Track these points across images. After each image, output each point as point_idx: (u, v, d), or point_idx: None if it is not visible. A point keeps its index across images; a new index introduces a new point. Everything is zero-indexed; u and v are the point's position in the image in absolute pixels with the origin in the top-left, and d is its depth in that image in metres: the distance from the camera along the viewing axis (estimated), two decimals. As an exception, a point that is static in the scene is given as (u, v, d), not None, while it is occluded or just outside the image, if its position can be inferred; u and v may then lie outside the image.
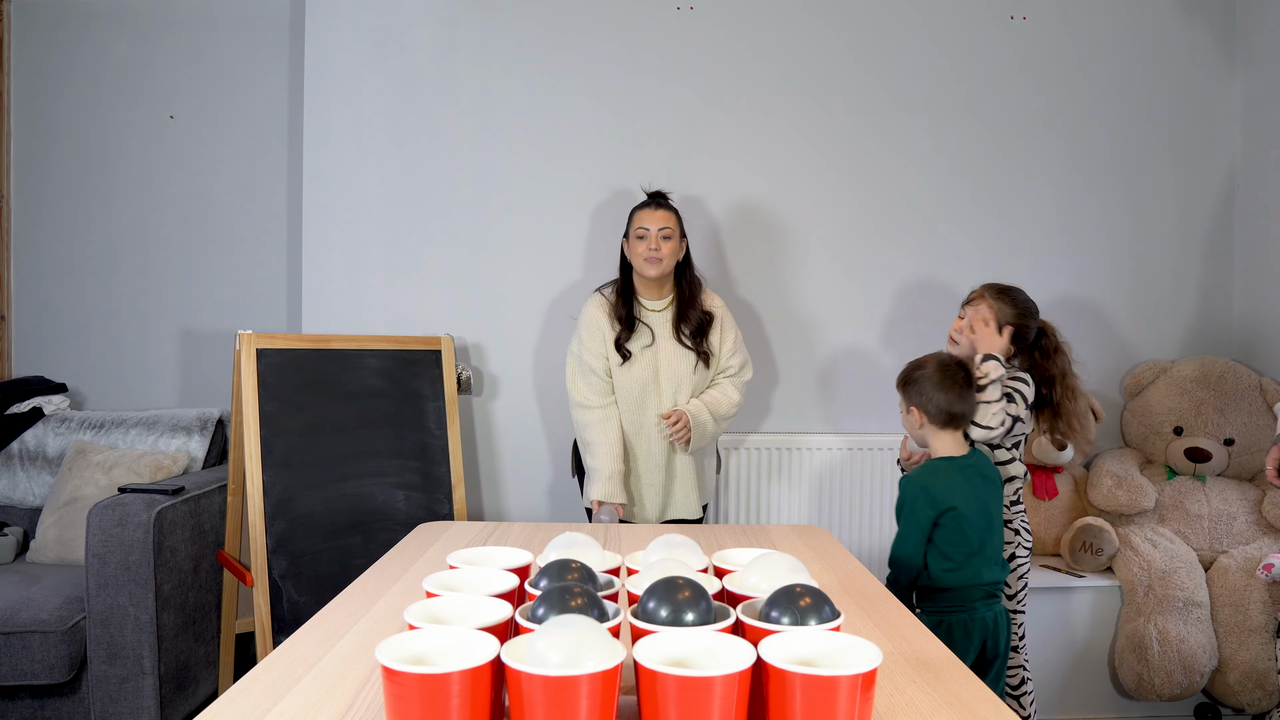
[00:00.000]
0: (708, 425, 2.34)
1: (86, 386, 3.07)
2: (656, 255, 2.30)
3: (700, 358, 2.37)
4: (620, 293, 2.39)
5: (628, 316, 2.35)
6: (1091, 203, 2.96)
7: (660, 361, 2.36)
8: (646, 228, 2.32)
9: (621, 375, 2.35)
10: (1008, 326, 2.06)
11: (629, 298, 2.38)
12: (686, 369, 2.36)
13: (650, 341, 2.36)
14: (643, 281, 2.37)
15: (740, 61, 2.89)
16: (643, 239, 2.32)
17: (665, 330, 2.38)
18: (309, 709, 0.91)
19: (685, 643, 0.81)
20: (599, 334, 2.36)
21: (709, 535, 1.77)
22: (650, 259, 2.30)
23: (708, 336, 2.38)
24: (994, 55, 2.92)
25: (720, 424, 2.39)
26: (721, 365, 2.42)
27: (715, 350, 2.40)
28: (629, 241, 2.37)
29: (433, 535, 1.73)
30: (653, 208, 2.36)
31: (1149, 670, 2.42)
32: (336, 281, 2.85)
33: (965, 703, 0.94)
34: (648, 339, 2.36)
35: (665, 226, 2.32)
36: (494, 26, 2.86)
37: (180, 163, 3.05)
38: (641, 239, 2.32)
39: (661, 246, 2.31)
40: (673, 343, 2.37)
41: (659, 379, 2.35)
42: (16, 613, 2.11)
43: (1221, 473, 2.74)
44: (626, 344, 2.34)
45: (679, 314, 2.38)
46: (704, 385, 2.41)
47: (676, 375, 2.35)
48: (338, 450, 2.48)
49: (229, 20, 3.04)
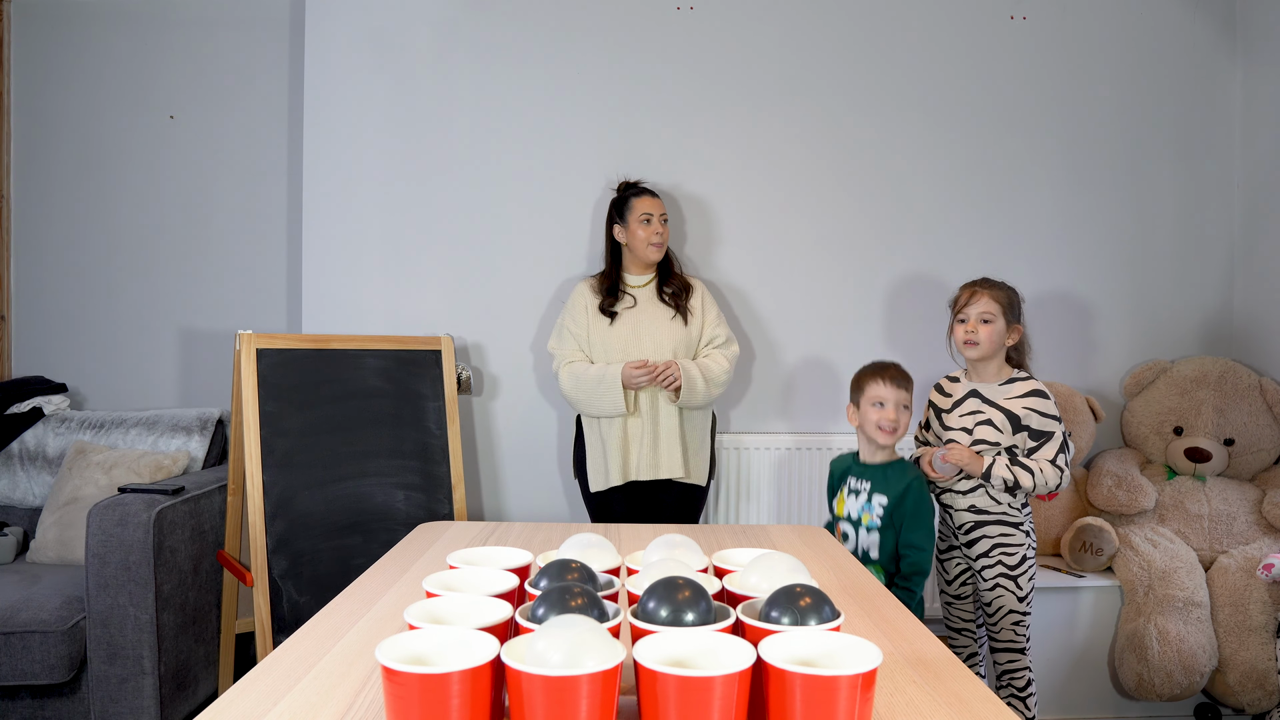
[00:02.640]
0: (697, 381, 2.44)
1: (86, 386, 3.07)
2: (660, 240, 2.51)
3: (679, 313, 2.51)
4: (607, 271, 2.58)
5: (613, 286, 2.54)
6: (1091, 203, 2.96)
7: (641, 320, 2.51)
8: (650, 213, 2.50)
9: (606, 336, 2.49)
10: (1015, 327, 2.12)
11: (615, 274, 2.57)
12: (666, 324, 2.50)
13: (633, 304, 2.53)
14: (634, 262, 2.56)
15: (740, 61, 2.89)
16: (648, 223, 2.50)
17: (647, 294, 2.56)
18: (309, 709, 0.91)
19: (685, 643, 0.81)
20: (582, 303, 2.55)
21: (709, 535, 1.77)
22: (655, 243, 2.50)
23: (688, 300, 2.55)
24: (994, 55, 2.92)
25: (711, 388, 2.48)
26: (708, 335, 2.55)
27: (696, 313, 2.54)
28: (627, 226, 2.52)
29: (433, 535, 1.73)
30: (650, 195, 2.54)
31: (1149, 670, 2.42)
32: (336, 281, 2.85)
33: (965, 703, 0.94)
34: (630, 303, 2.54)
35: (663, 212, 2.53)
36: (494, 26, 2.86)
37: (180, 163, 3.05)
38: (648, 223, 2.49)
39: (664, 231, 2.52)
40: (654, 304, 2.54)
41: (640, 336, 2.49)
42: (16, 613, 2.11)
43: (1221, 473, 2.74)
44: (611, 307, 2.51)
45: (660, 284, 2.57)
46: (690, 346, 2.53)
47: (657, 330, 2.49)
48: (338, 450, 2.48)
49: (229, 20, 3.04)
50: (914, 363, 2.87)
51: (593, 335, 2.51)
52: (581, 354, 2.53)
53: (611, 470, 2.47)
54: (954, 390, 2.20)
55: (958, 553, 2.21)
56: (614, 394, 2.42)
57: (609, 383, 2.42)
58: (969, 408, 2.14)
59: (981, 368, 2.15)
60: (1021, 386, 2.09)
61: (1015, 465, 2.03)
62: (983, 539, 2.12)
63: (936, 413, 2.22)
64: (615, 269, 2.57)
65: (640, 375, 2.39)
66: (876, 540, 2.02)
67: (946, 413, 2.18)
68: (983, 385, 2.14)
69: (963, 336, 2.12)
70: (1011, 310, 2.12)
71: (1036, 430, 2.05)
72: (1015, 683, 2.14)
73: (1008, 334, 2.11)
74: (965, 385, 2.18)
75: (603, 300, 2.52)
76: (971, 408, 2.13)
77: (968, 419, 2.12)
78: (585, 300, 2.55)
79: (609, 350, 2.49)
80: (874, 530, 2.03)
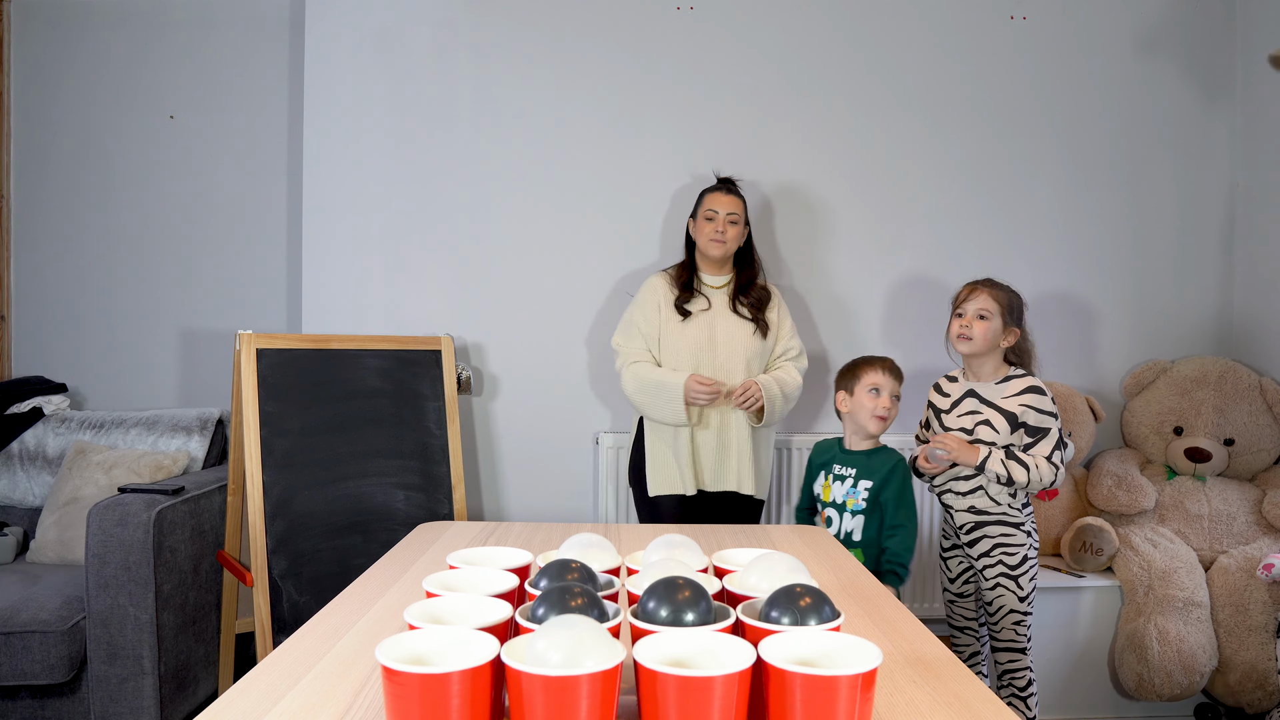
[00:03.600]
0: (778, 400, 2.39)
1: (86, 386, 3.07)
2: (721, 238, 2.44)
3: (759, 327, 2.45)
4: (684, 265, 2.53)
5: (688, 283, 2.48)
6: (1091, 202, 2.96)
7: (716, 327, 2.44)
8: (715, 210, 2.45)
9: (678, 336, 2.42)
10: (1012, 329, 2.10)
11: (691, 271, 2.51)
12: (744, 335, 2.43)
13: (707, 307, 2.46)
14: (705, 260, 2.51)
15: (740, 62, 2.89)
16: (711, 220, 2.45)
17: (722, 301, 2.48)
18: (309, 709, 0.91)
19: (685, 643, 0.81)
20: (655, 298, 2.48)
21: (709, 535, 1.77)
22: (715, 240, 2.44)
23: (765, 311, 2.48)
24: (994, 55, 2.92)
25: (788, 403, 2.44)
26: (783, 347, 2.51)
27: (774, 326, 2.49)
28: (696, 221, 2.50)
29: (433, 535, 1.73)
30: (723, 192, 2.49)
31: (1149, 670, 2.42)
32: (336, 281, 2.85)
33: (965, 703, 0.94)
34: (705, 305, 2.46)
35: (732, 212, 2.45)
36: (494, 26, 2.86)
37: (180, 163, 3.05)
38: (710, 220, 2.45)
39: (727, 230, 2.44)
40: (729, 312, 2.46)
41: (715, 342, 2.42)
42: (16, 613, 2.11)
43: (1221, 473, 2.74)
44: (685, 305, 2.44)
45: (737, 290, 2.49)
46: (763, 358, 2.47)
47: (732, 340, 2.42)
48: (338, 450, 2.48)
49: (229, 20, 3.04)
50: (914, 363, 2.88)
51: (664, 334, 2.44)
52: (648, 354, 2.46)
53: (685, 478, 2.40)
54: (952, 390, 2.20)
55: (959, 551, 2.21)
56: (675, 403, 2.34)
57: (671, 391, 2.34)
58: (967, 407, 2.14)
59: (977, 366, 2.15)
60: (1018, 384, 2.09)
61: (1011, 460, 2.03)
62: (983, 539, 2.12)
63: (936, 413, 2.22)
64: (691, 266, 2.53)
65: (703, 394, 2.32)
66: (860, 523, 2.12)
67: (945, 413, 2.18)
68: (979, 385, 2.14)
69: (957, 330, 2.12)
70: (1011, 312, 2.12)
71: (1033, 427, 2.05)
72: (1016, 682, 2.14)
73: (1004, 335, 2.11)
74: (963, 385, 2.18)
75: (678, 295, 2.46)
76: (969, 407, 2.13)
77: (966, 419, 2.12)
78: (659, 295, 2.47)
79: (679, 355, 2.41)
80: (858, 514, 2.13)
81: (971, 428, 2.11)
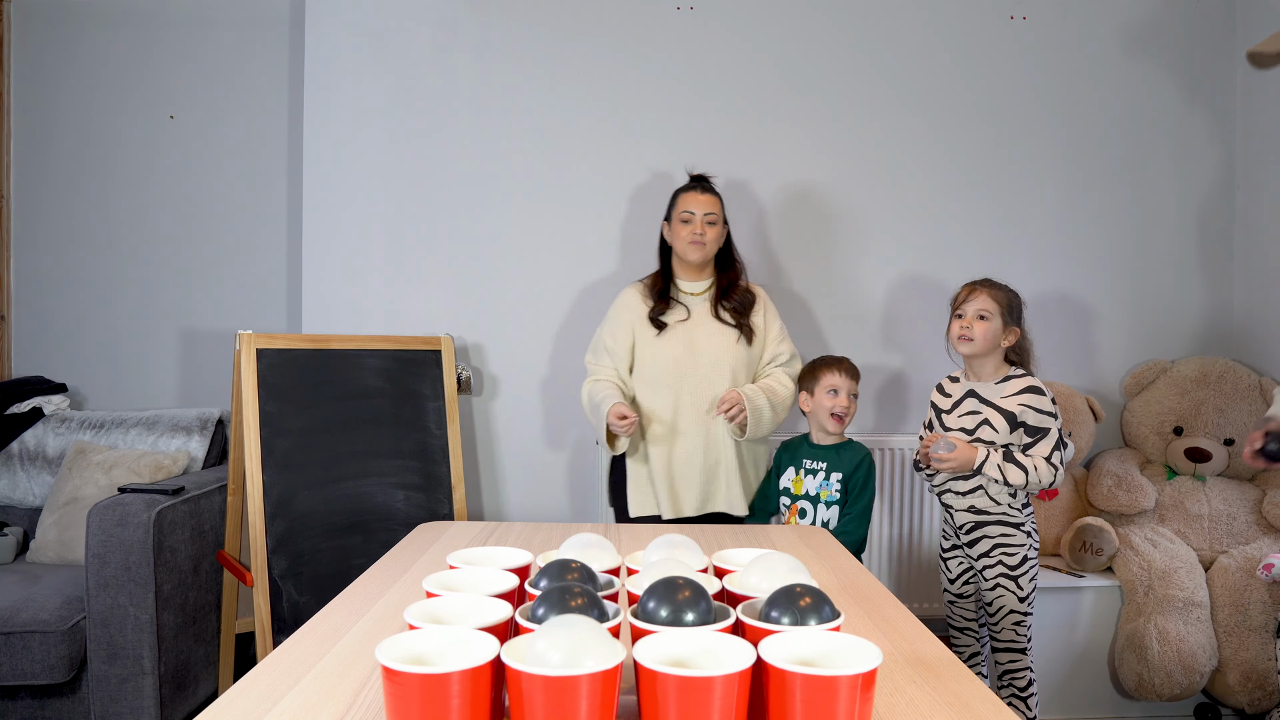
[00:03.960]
0: (764, 411, 2.24)
1: (86, 386, 3.07)
2: (700, 239, 2.28)
3: (743, 333, 2.30)
4: (659, 274, 2.39)
5: (663, 293, 2.33)
6: (1091, 202, 2.96)
7: (697, 337, 2.29)
8: (691, 211, 2.28)
9: (655, 349, 2.28)
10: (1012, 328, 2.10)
11: (666, 279, 2.37)
12: (726, 344, 2.28)
13: (686, 317, 2.31)
14: (682, 265, 2.35)
15: (740, 62, 2.89)
16: (687, 223, 2.28)
17: (703, 309, 2.33)
18: (309, 709, 0.91)
19: (685, 643, 0.81)
20: (627, 313, 2.34)
21: (709, 535, 1.77)
22: (694, 242, 2.28)
23: (750, 315, 2.33)
24: (994, 55, 2.92)
25: (778, 414, 2.28)
26: (772, 352, 2.36)
27: (759, 331, 2.34)
28: (670, 224, 2.34)
29: (433, 535, 1.73)
30: (698, 191, 2.32)
31: (1149, 670, 2.42)
32: (336, 281, 2.85)
33: (965, 703, 0.94)
34: (683, 315, 2.31)
35: (710, 211, 2.29)
36: (494, 26, 2.86)
37: (180, 162, 3.05)
38: (686, 222, 2.28)
39: (706, 231, 2.28)
40: (710, 320, 2.31)
41: (695, 354, 2.27)
42: (16, 613, 2.11)
43: (1221, 473, 2.74)
44: (660, 316, 2.30)
45: (719, 295, 2.34)
46: (750, 366, 2.33)
47: (714, 349, 2.27)
48: (338, 450, 2.48)
49: (229, 20, 3.04)
50: (913, 363, 2.89)
51: (639, 348, 2.31)
52: (614, 372, 2.32)
53: (661, 500, 2.26)
54: (953, 390, 2.20)
55: (959, 552, 2.21)
56: (602, 428, 2.23)
57: (599, 416, 2.23)
58: (967, 408, 2.14)
59: (978, 366, 2.15)
60: (1017, 384, 2.09)
61: (1008, 462, 2.03)
62: (983, 539, 2.13)
63: (937, 413, 2.22)
64: (666, 273, 2.37)
65: (622, 427, 2.18)
66: (835, 514, 2.23)
67: (946, 413, 2.18)
68: (980, 385, 2.14)
69: (957, 332, 2.13)
70: (1010, 312, 2.12)
71: (1032, 427, 2.05)
72: (1016, 683, 2.14)
73: (1004, 335, 2.11)
74: (963, 385, 2.18)
75: (653, 306, 2.31)
76: (969, 408, 2.13)
77: (966, 419, 2.12)
78: (631, 311, 2.33)
79: (658, 371, 2.27)
80: (833, 504, 2.23)
81: (972, 428, 2.11)
